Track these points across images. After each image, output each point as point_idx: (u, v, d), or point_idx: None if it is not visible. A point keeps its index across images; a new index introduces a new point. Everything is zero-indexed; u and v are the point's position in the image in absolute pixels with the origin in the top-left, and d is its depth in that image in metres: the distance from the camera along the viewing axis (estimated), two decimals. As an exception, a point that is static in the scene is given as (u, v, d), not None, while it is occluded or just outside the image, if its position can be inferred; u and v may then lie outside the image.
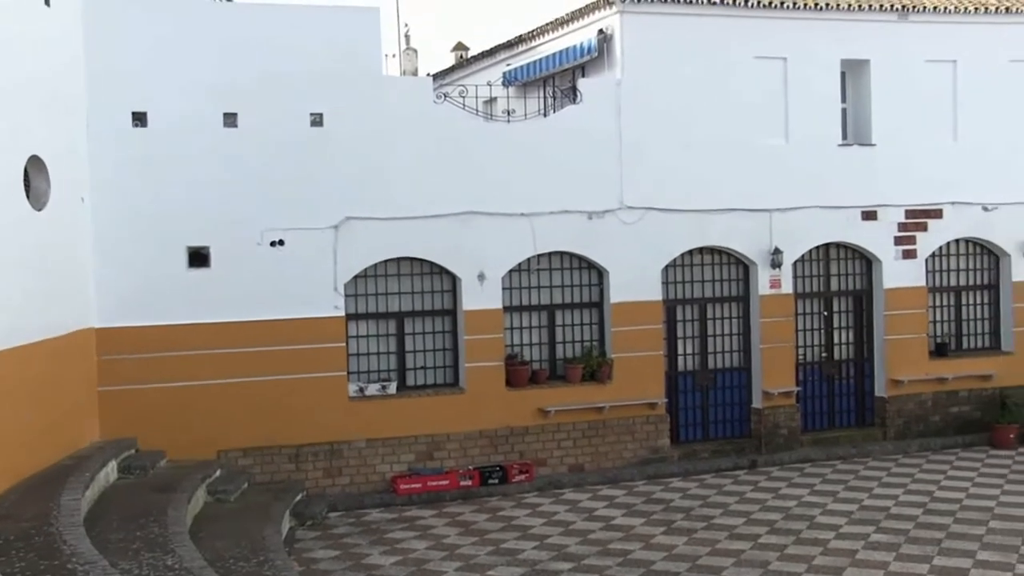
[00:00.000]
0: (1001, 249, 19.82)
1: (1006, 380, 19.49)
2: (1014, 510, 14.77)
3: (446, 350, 16.86)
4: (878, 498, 15.67)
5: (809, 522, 14.47)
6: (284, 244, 15.60)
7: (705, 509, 15.32)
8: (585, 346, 17.47)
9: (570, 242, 17.18)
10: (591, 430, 17.22)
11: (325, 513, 15.25)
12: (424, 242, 16.36)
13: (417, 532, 14.48)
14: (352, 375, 16.27)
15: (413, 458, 16.32)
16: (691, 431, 18.25)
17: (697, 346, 18.32)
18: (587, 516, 15.10)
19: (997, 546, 13.12)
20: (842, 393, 19.27)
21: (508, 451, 16.78)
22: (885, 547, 13.21)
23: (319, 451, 15.85)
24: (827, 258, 19.10)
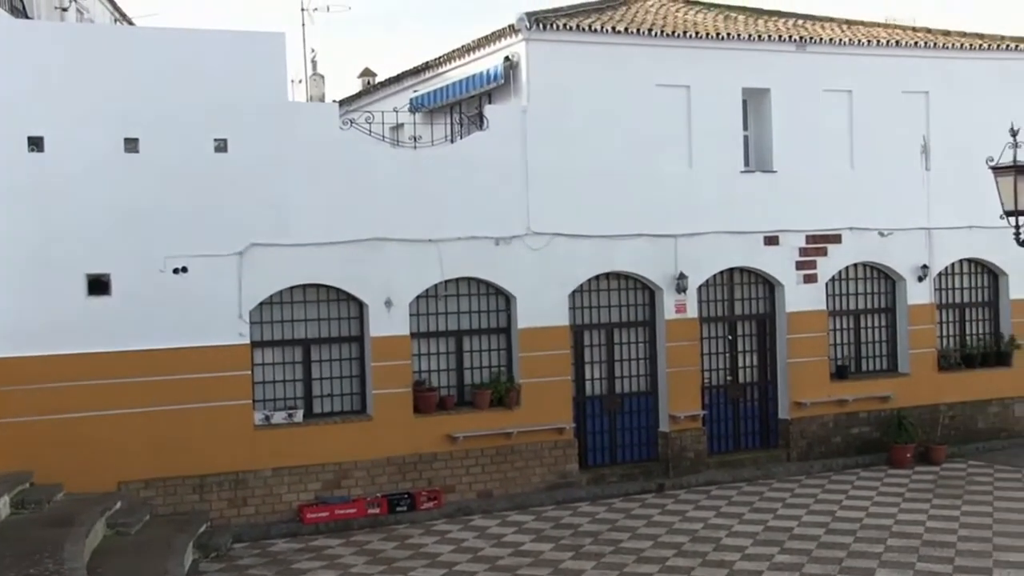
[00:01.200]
0: (897, 273, 20.34)
1: (903, 401, 19.98)
2: (910, 527, 15.11)
3: (353, 377, 16.73)
4: (782, 519, 15.91)
5: (715, 544, 14.62)
6: (187, 271, 15.35)
7: (613, 533, 15.40)
8: (493, 372, 17.48)
9: (477, 268, 17.21)
10: (499, 456, 17.21)
11: (230, 544, 14.97)
12: (330, 269, 16.24)
13: (324, 562, 14.30)
14: (258, 403, 16.04)
15: (320, 486, 16.13)
16: (599, 455, 18.35)
17: (604, 371, 18.45)
18: (496, 542, 15.06)
19: (894, 563, 13.41)
20: (747, 416, 19.56)
21: (416, 478, 16.68)
22: (789, 567, 13.41)
23: (224, 481, 15.57)
24: (731, 283, 19.41)
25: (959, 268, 21.12)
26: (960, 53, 20.46)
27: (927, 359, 20.50)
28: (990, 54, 20.71)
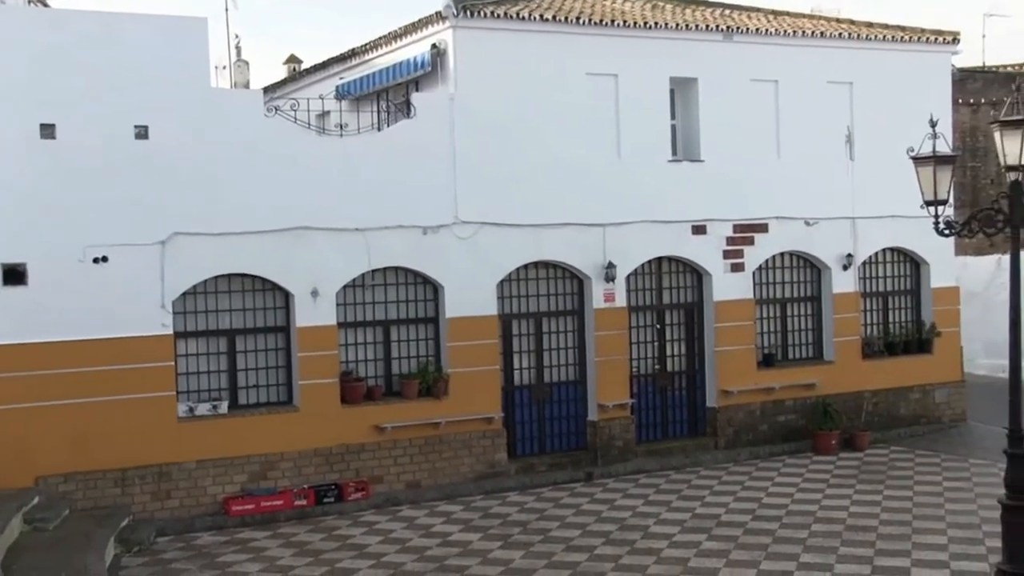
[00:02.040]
0: (822, 262, 20.58)
1: (828, 388, 20.23)
2: (834, 512, 15.31)
3: (279, 367, 16.51)
4: (710, 506, 16.02)
5: (643, 532, 14.68)
6: (108, 260, 15.02)
7: (542, 522, 15.39)
8: (421, 361, 17.37)
9: (405, 257, 17.08)
10: (428, 446, 17.11)
11: (153, 538, 14.71)
12: (255, 258, 16.00)
13: (250, 555, 14.10)
14: (181, 395, 15.77)
15: (246, 478, 15.91)
16: (528, 445, 18.32)
17: (533, 360, 18.43)
18: (424, 533, 14.98)
19: (818, 548, 13.57)
20: (675, 404, 19.66)
21: (344, 469, 16.52)
22: (716, 554, 13.50)
23: (146, 474, 15.28)
24: (659, 272, 19.49)
25: (882, 257, 21.43)
26: (883, 45, 20.76)
27: (851, 347, 20.79)
28: (911, 46, 21.03)
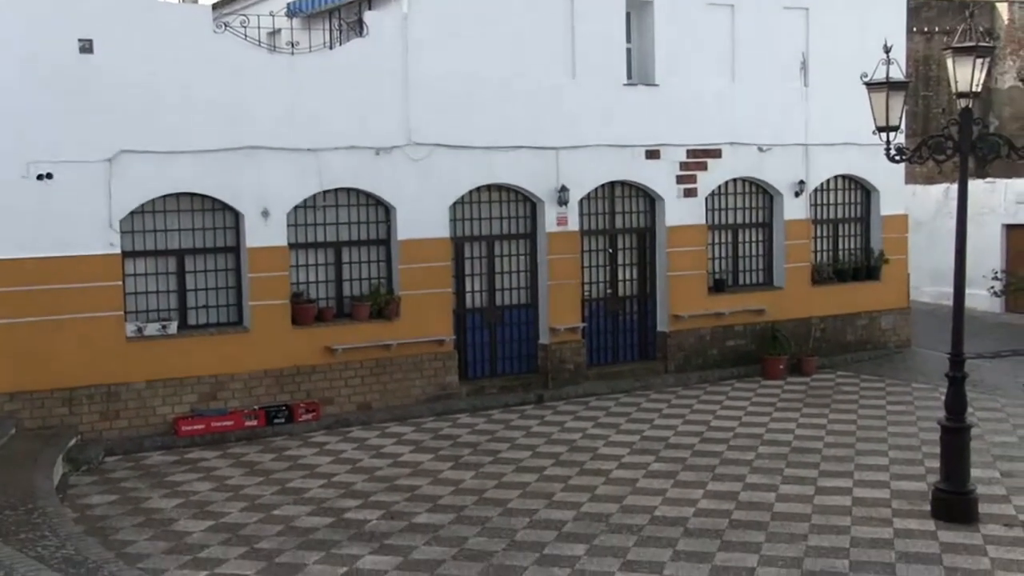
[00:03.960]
0: (774, 189, 20.68)
1: (777, 314, 20.45)
2: (780, 435, 15.56)
3: (229, 288, 16.38)
4: (658, 428, 16.22)
5: (593, 454, 14.84)
6: (52, 178, 14.74)
7: (492, 444, 15.51)
8: (372, 284, 17.30)
9: (357, 178, 16.92)
10: (379, 368, 17.12)
11: (102, 458, 14.66)
12: (204, 177, 15.77)
13: (200, 474, 14.11)
14: (130, 315, 15.61)
15: (196, 399, 15.85)
16: (479, 367, 18.39)
17: (485, 283, 18.43)
18: (375, 453, 15.05)
19: (764, 469, 13.82)
20: (626, 328, 19.79)
21: (294, 390, 16.51)
22: (664, 475, 13.70)
23: (95, 394, 15.18)
24: (612, 196, 19.49)
25: (834, 184, 21.55)
26: (839, -29, 20.68)
27: (801, 273, 20.99)
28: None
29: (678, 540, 11.18)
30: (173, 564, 10.70)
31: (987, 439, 14.94)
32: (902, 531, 11.30)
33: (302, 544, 11.28)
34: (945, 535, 11.13)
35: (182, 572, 10.48)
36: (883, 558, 10.54)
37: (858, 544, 10.94)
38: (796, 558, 10.57)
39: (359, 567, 10.57)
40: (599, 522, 11.83)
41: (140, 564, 10.61)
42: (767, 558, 10.59)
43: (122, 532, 11.74)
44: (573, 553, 10.85)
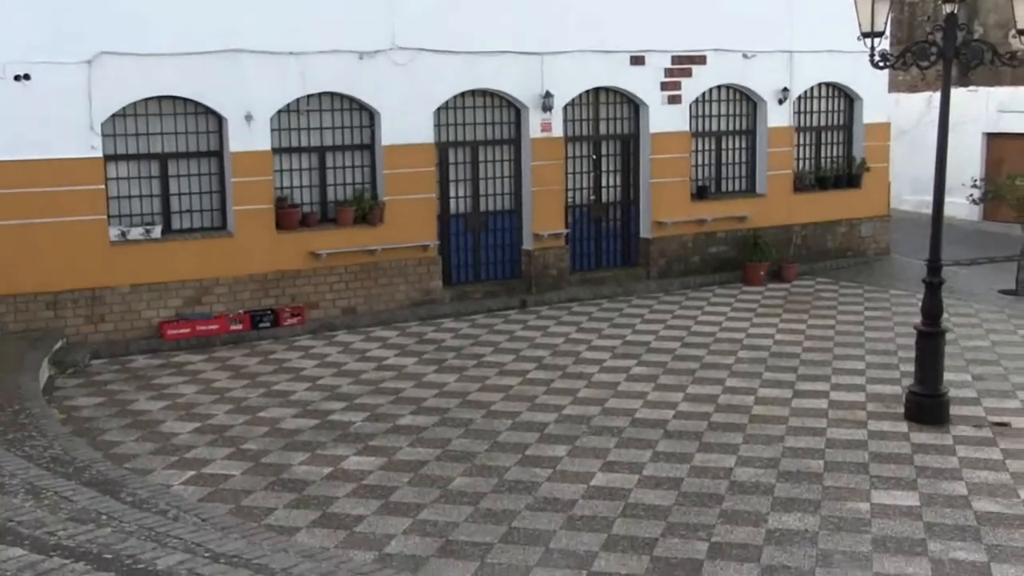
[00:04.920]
0: (758, 96, 20.63)
1: (759, 221, 20.56)
2: (760, 340, 15.78)
3: (213, 193, 16.35)
4: (640, 334, 16.41)
5: (575, 358, 15.03)
6: (31, 79, 14.59)
7: (476, 348, 15.68)
8: (357, 189, 17.30)
9: (341, 83, 16.80)
10: (363, 273, 17.21)
11: (87, 361, 14.78)
12: (187, 80, 15.64)
13: (186, 377, 14.26)
14: (113, 219, 15.60)
15: (181, 303, 15.93)
16: (463, 273, 18.50)
17: (469, 189, 18.44)
18: (360, 357, 15.21)
19: (744, 374, 14.04)
20: (609, 235, 19.89)
21: (279, 295, 16.60)
22: (645, 379, 13.91)
23: (79, 298, 15.24)
24: (596, 102, 19.41)
25: (817, 92, 21.51)
26: None
27: (783, 181, 21.05)
28: None
29: (658, 442, 11.41)
30: (160, 464, 10.88)
31: (961, 344, 15.20)
32: (876, 432, 11.56)
33: (287, 445, 11.47)
34: (917, 436, 11.40)
35: (169, 472, 10.66)
36: (857, 458, 10.79)
37: (833, 445, 11.20)
38: (773, 459, 10.82)
39: (344, 467, 10.76)
40: (581, 424, 12.05)
41: (127, 464, 10.78)
42: (745, 459, 10.83)
43: (109, 433, 11.90)
44: (555, 454, 11.07)
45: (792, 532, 9.00)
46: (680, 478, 10.32)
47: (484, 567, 8.42)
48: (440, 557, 8.61)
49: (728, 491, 9.96)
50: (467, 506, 9.68)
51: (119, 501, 8.53)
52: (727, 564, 8.41)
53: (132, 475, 10.20)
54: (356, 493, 10.04)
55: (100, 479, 9.47)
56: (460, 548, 8.78)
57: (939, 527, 9.06)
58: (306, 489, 10.15)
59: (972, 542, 8.77)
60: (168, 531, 7.35)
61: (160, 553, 6.21)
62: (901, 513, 9.37)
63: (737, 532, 9.03)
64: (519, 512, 9.52)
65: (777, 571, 8.28)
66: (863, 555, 8.54)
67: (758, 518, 9.31)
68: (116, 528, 7.06)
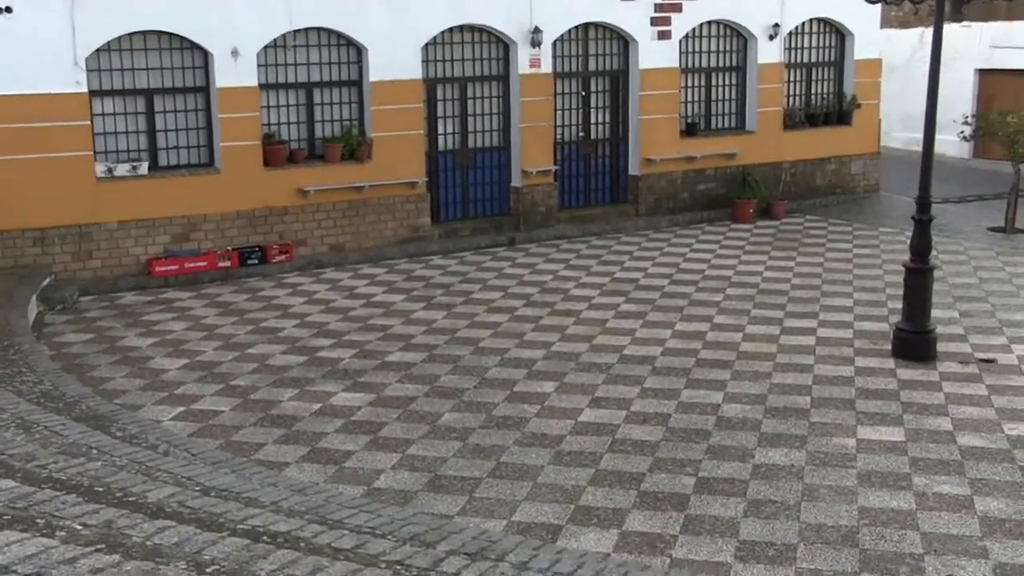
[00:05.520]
0: (749, 31, 20.46)
1: (748, 158, 20.49)
2: (748, 278, 15.81)
3: (200, 129, 16.22)
4: (628, 271, 16.43)
5: (563, 295, 15.05)
6: (12, 12, 14.38)
7: (464, 285, 15.69)
8: (344, 125, 17.17)
9: (327, 18, 16.60)
10: (351, 210, 17.15)
11: (76, 297, 14.75)
12: (172, 15, 15.45)
13: (175, 314, 14.25)
14: (99, 155, 15.48)
15: (168, 240, 15.87)
16: (451, 210, 18.44)
17: (457, 125, 18.32)
18: (348, 294, 15.21)
19: (731, 311, 14.08)
20: (598, 172, 19.82)
21: (267, 232, 16.55)
22: (633, 316, 13.94)
23: (67, 234, 15.16)
24: (586, 38, 19.24)
25: (808, 28, 21.35)
26: None
27: (773, 118, 20.96)
28: None
29: (646, 378, 11.46)
30: (150, 400, 10.91)
31: (949, 281, 15.25)
32: (863, 369, 11.63)
33: (276, 381, 11.50)
34: (904, 372, 11.48)
35: (159, 408, 10.69)
36: (844, 394, 10.87)
37: (820, 381, 11.27)
38: (760, 395, 10.89)
39: (333, 403, 10.81)
40: (569, 361, 12.09)
41: (117, 400, 10.80)
42: (732, 395, 10.90)
43: (98, 369, 11.91)
44: (543, 390, 11.13)
45: (778, 467, 9.08)
46: (667, 414, 10.39)
47: (472, 501, 8.49)
48: (429, 492, 8.68)
49: (715, 427, 10.04)
50: (455, 441, 9.74)
51: (109, 436, 8.54)
52: (713, 498, 8.50)
53: (122, 410, 10.21)
54: (345, 429, 10.10)
55: (90, 414, 9.49)
56: (448, 483, 8.85)
57: (924, 462, 9.16)
58: (295, 425, 10.20)
59: (956, 476, 8.86)
60: (158, 465, 7.37)
61: (151, 486, 6.23)
62: (886, 448, 9.46)
63: (724, 467, 9.11)
64: (507, 447, 9.59)
65: (763, 505, 8.36)
66: (848, 489, 8.63)
67: (744, 453, 9.39)
68: (107, 462, 7.07)
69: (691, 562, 7.46)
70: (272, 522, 5.71)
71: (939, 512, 8.20)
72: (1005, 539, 7.75)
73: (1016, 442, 9.56)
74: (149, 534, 4.83)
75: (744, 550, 7.64)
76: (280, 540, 5.26)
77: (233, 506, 6.00)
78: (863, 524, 8.01)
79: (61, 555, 4.06)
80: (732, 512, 8.24)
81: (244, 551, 4.70)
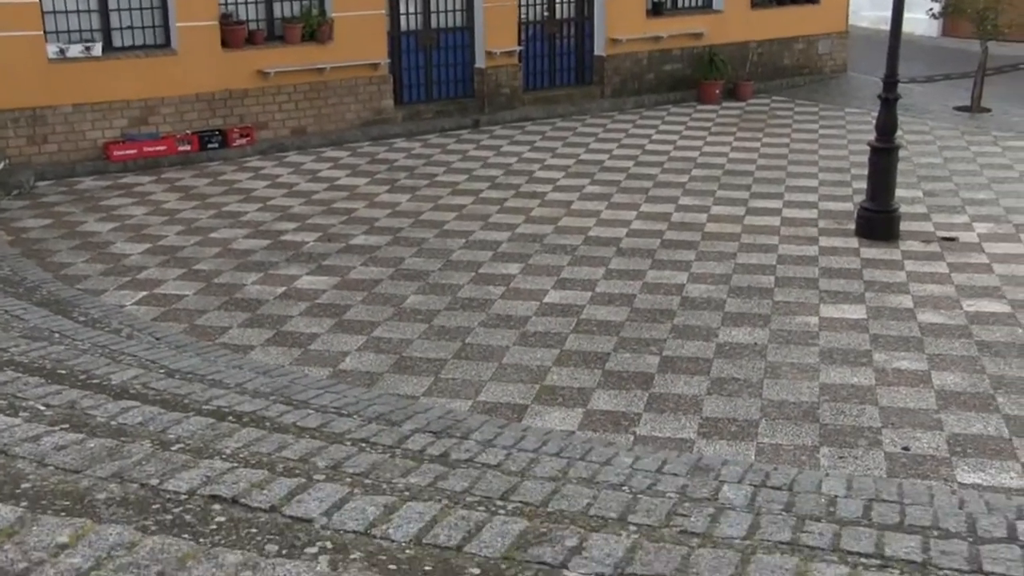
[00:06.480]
0: (717, -94, 20.05)
1: (715, 38, 20.23)
2: (713, 159, 15.75)
3: (154, 9, 15.72)
4: (593, 152, 16.31)
5: (528, 177, 14.95)
6: None
7: (428, 168, 15.54)
8: (304, 5, 16.74)
9: None
10: (312, 92, 16.83)
11: (32, 182, 14.48)
12: None
13: (134, 198, 14.05)
14: (50, 35, 15.02)
15: (126, 123, 15.55)
16: (414, 92, 18.15)
17: (420, 5, 17.91)
18: (311, 177, 15.03)
19: (697, 192, 14.06)
20: (563, 52, 19.51)
21: (227, 115, 16.24)
22: (598, 197, 13.89)
23: (19, 117, 14.80)
24: (550, -87, 18.78)
25: (778, -98, 20.94)
26: None
27: (741, -5, 20.67)
28: None
29: (611, 259, 11.47)
30: (112, 285, 10.80)
31: (914, 160, 15.27)
32: (827, 248, 11.69)
33: (240, 266, 11.41)
34: (867, 251, 11.54)
35: (121, 292, 10.59)
36: (807, 274, 10.94)
37: (784, 261, 11.32)
38: (725, 275, 10.93)
39: (297, 287, 10.75)
40: (534, 243, 12.06)
41: (79, 285, 10.69)
42: (697, 275, 10.94)
43: (59, 255, 11.76)
44: (508, 272, 11.11)
45: (742, 346, 9.17)
46: (632, 295, 10.42)
47: (438, 382, 8.53)
48: (394, 373, 8.70)
49: (680, 307, 10.09)
50: (421, 323, 9.74)
51: (72, 320, 8.49)
52: (677, 377, 8.58)
53: (84, 295, 10.15)
54: (310, 312, 10.07)
55: (51, 299, 9.41)
56: (414, 364, 8.87)
57: (884, 339, 9.26)
58: (260, 308, 10.15)
59: (915, 352, 8.98)
60: (122, 349, 7.34)
61: (114, 369, 6.20)
62: (848, 326, 9.56)
63: (688, 346, 9.18)
64: (472, 329, 9.61)
65: (726, 383, 8.46)
66: (810, 366, 8.73)
67: (709, 333, 9.46)
68: (69, 346, 7.03)
69: (655, 439, 7.56)
70: (237, 403, 5.72)
71: (897, 387, 8.33)
72: (959, 411, 7.90)
73: (974, 318, 9.69)
74: (113, 414, 4.81)
75: (707, 426, 7.74)
76: (245, 420, 5.26)
77: (198, 388, 5.99)
78: (823, 400, 8.13)
79: (25, 433, 4.03)
80: (696, 390, 8.33)
81: (209, 430, 4.70)
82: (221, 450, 4.36)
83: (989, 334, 9.33)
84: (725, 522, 3.91)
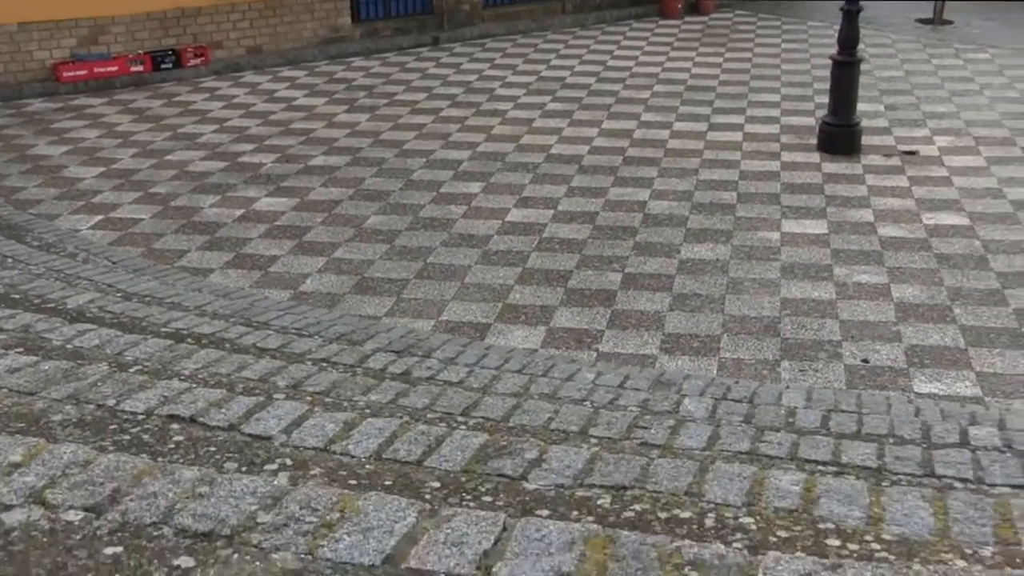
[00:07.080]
0: None
1: (677, -48, 19.95)
2: (675, 75, 15.63)
3: (101, -76, 15.34)
4: (555, 69, 16.14)
5: (489, 95, 14.79)
6: None
7: (387, 86, 15.32)
8: (256, -81, 16.35)
9: None
10: (268, 10, 16.48)
11: (-18, 106, 14.18)
12: None
13: (87, 121, 13.78)
14: (-6, -47, 14.62)
15: (75, 43, 15.18)
16: (372, 9, 17.81)
17: (376, -81, 17.55)
18: (268, 98, 14.79)
19: (659, 108, 13.96)
20: (523, -32, 19.21)
21: (180, 34, 15.88)
22: (560, 114, 13.77)
23: (-34, 39, 14.46)
24: None
25: None
26: None
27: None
28: None
29: (573, 177, 11.40)
30: (66, 209, 10.63)
31: (876, 74, 15.23)
32: (789, 164, 11.68)
33: (197, 188, 11.25)
34: (828, 166, 11.54)
35: (76, 217, 10.42)
36: (769, 189, 10.93)
37: (746, 177, 11.30)
38: (687, 191, 10.90)
39: (256, 209, 10.63)
40: (495, 161, 11.97)
41: (32, 210, 10.52)
42: (659, 192, 10.91)
43: (10, 179, 11.53)
44: (469, 191, 11.03)
45: (704, 262, 9.17)
46: (595, 212, 10.38)
47: (400, 302, 8.49)
48: (356, 294, 8.66)
49: (642, 224, 10.07)
50: (382, 244, 9.68)
51: (25, 245, 8.35)
52: (639, 293, 8.58)
53: (37, 220, 9.98)
54: (269, 234, 9.96)
55: (3, 224, 9.25)
56: (376, 284, 8.82)
57: (845, 253, 9.30)
58: (218, 231, 10.03)
59: (875, 266, 9.03)
60: (78, 273, 7.23)
61: (70, 293, 6.11)
62: (809, 241, 9.58)
63: (650, 263, 9.17)
64: (434, 248, 9.55)
65: (688, 299, 8.47)
66: (771, 281, 8.76)
67: (671, 249, 9.46)
68: (23, 270, 6.91)
69: (617, 355, 7.58)
70: (196, 325, 5.66)
71: (857, 300, 8.38)
72: (917, 323, 7.97)
73: (933, 231, 9.74)
74: (69, 337, 4.74)
75: (669, 342, 7.77)
76: (204, 341, 5.21)
77: (156, 310, 5.92)
78: (785, 314, 8.17)
79: (-25, 358, 3.97)
80: (658, 306, 8.35)
81: (167, 351, 4.65)
82: (179, 371, 4.31)
83: (948, 247, 9.39)
84: (685, 434, 3.93)
